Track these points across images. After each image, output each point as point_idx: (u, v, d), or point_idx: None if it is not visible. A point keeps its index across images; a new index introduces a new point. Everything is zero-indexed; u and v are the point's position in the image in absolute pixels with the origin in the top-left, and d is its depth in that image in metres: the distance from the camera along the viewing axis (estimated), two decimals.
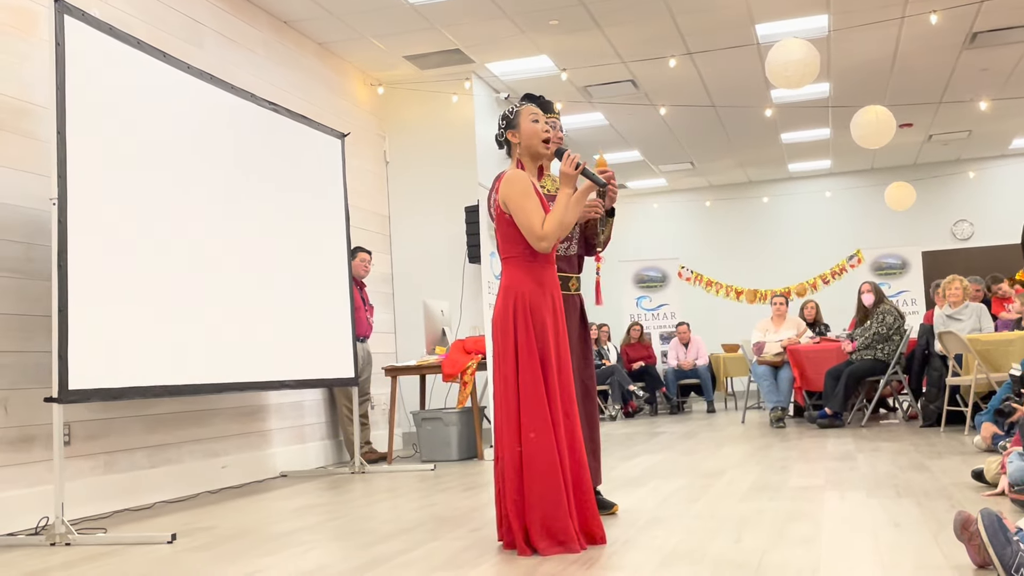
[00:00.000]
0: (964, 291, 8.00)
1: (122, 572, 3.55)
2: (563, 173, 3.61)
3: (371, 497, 5.37)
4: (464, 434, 7.38)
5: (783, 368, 9.22)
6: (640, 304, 13.49)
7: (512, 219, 3.59)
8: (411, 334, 9.02)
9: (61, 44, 4.46)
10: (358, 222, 8.45)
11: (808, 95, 10.65)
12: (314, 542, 3.96)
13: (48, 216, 4.69)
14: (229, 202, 5.67)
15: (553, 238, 3.54)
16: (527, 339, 3.52)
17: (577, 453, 3.54)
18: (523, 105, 3.81)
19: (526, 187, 3.58)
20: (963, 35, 8.94)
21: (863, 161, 14.72)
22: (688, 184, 15.71)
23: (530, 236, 3.55)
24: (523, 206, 3.55)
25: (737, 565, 3.07)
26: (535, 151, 3.75)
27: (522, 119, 3.73)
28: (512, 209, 3.57)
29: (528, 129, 3.73)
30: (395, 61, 8.87)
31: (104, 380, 4.53)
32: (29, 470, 4.85)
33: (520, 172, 3.65)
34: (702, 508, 4.28)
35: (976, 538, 2.83)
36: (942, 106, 11.46)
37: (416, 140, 9.37)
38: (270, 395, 7.02)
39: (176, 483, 5.84)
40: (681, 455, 6.69)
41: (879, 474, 5.14)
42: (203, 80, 5.57)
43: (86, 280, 4.49)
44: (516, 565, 3.24)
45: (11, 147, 4.97)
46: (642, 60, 9.17)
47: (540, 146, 3.73)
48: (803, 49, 7.21)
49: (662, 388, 12.23)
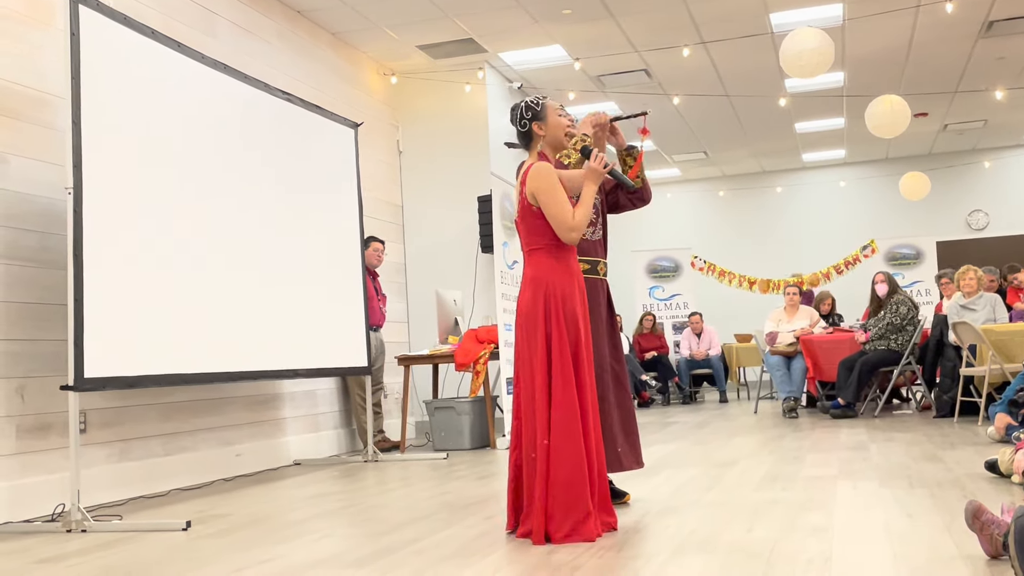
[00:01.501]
0: (978, 281, 7.96)
1: (137, 559, 3.58)
2: (592, 170, 3.64)
3: (384, 485, 5.39)
4: (476, 423, 7.40)
5: (796, 358, 9.21)
6: (653, 294, 13.48)
7: (539, 211, 3.60)
8: (424, 323, 9.04)
9: (76, 34, 4.48)
10: (371, 212, 8.47)
11: (822, 84, 10.60)
12: (327, 530, 3.99)
13: (64, 205, 4.72)
14: (243, 191, 5.69)
15: (582, 229, 3.58)
16: (559, 331, 3.53)
17: (598, 443, 3.58)
18: (545, 99, 3.83)
19: (555, 179, 3.60)
20: (979, 24, 8.88)
21: (878, 151, 14.65)
22: (702, 174, 15.67)
23: (561, 227, 3.57)
24: (555, 198, 3.56)
25: (749, 554, 3.08)
26: (559, 143, 3.80)
27: (549, 112, 3.77)
28: (543, 201, 3.58)
29: (555, 122, 3.78)
30: (408, 51, 8.87)
31: (119, 368, 4.56)
32: (45, 457, 4.89)
33: (547, 164, 3.68)
34: (714, 497, 4.29)
35: (988, 528, 2.83)
36: (957, 95, 11.39)
37: (429, 130, 9.37)
38: (284, 384, 7.06)
39: (191, 471, 5.88)
40: (694, 445, 6.70)
41: (892, 464, 5.14)
42: (217, 70, 5.58)
43: (101, 269, 4.51)
44: (528, 553, 3.25)
45: (27, 136, 5.00)
46: (655, 49, 9.15)
47: (564, 139, 3.79)
48: (817, 38, 7.18)
49: (675, 378, 12.22)
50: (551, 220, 3.58)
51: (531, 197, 3.61)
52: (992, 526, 2.82)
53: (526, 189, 3.62)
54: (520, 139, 3.84)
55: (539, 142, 3.77)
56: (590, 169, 3.66)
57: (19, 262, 4.87)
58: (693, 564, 2.98)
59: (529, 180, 3.62)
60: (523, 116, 3.77)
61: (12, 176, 4.88)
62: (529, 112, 3.76)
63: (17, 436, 4.75)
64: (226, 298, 5.44)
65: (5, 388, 4.71)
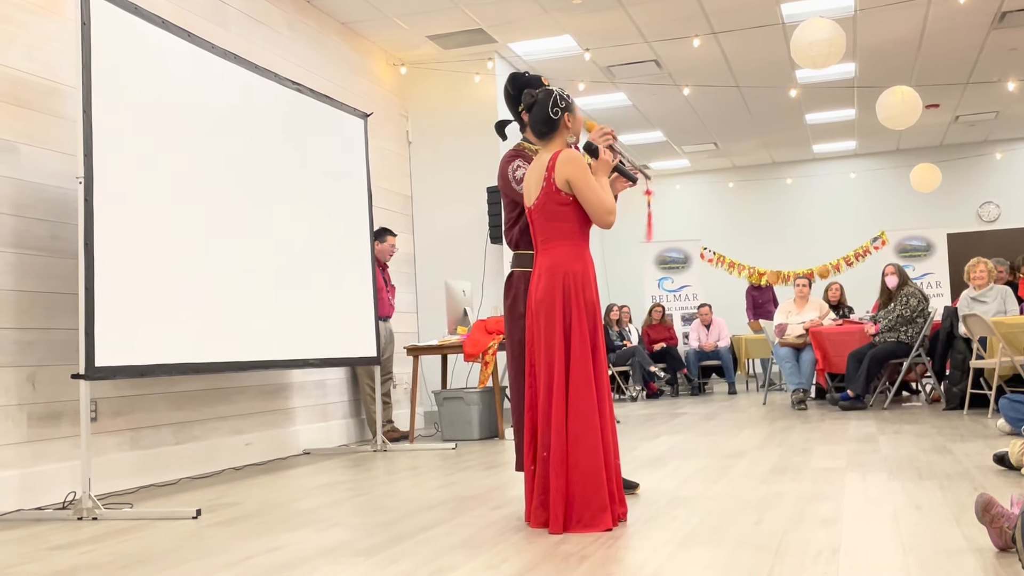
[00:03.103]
0: (989, 273, 7.93)
1: (148, 546, 3.61)
2: (602, 162, 3.71)
3: (393, 475, 5.41)
4: (485, 414, 7.41)
5: (805, 350, 9.20)
6: (662, 285, 13.47)
7: (567, 196, 3.59)
8: (433, 314, 9.05)
9: (87, 23, 4.49)
10: (380, 202, 8.48)
11: (833, 75, 10.55)
12: (336, 519, 4.01)
13: (74, 195, 4.74)
14: (253, 181, 5.70)
15: (616, 212, 3.62)
16: (579, 322, 3.53)
17: (613, 434, 3.60)
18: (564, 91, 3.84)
19: (586, 165, 3.62)
20: (992, 14, 8.83)
21: (888, 142, 14.58)
22: (711, 165, 15.63)
23: (600, 211, 3.58)
24: (591, 184, 3.58)
25: (757, 546, 3.08)
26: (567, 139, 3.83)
27: (576, 108, 3.81)
28: (579, 187, 3.57)
29: (580, 115, 3.84)
30: (418, 41, 8.86)
31: (130, 357, 4.58)
32: (57, 445, 4.92)
33: (573, 150, 3.70)
34: (723, 489, 4.29)
35: (998, 521, 2.83)
36: (969, 86, 11.33)
37: (438, 120, 9.37)
38: (293, 374, 7.08)
39: (201, 459, 5.91)
40: (702, 436, 6.70)
41: (901, 456, 5.13)
42: (227, 60, 5.59)
43: (112, 258, 4.53)
44: (537, 543, 3.26)
45: (38, 126, 5.02)
46: (666, 40, 9.12)
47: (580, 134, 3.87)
48: (829, 28, 7.15)
49: (683, 369, 12.21)
50: (588, 205, 3.58)
51: (562, 183, 3.59)
52: (1002, 519, 2.82)
53: (555, 175, 3.59)
54: (544, 124, 3.75)
55: (565, 134, 3.77)
56: (600, 162, 3.70)
57: (31, 251, 4.89)
58: (701, 555, 2.98)
59: (561, 165, 3.59)
60: (557, 104, 3.73)
61: (24, 165, 4.90)
62: (563, 101, 3.75)
63: (29, 424, 4.78)
64: (236, 288, 5.45)
65: (17, 376, 4.74)
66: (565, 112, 3.74)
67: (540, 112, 3.74)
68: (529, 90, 3.83)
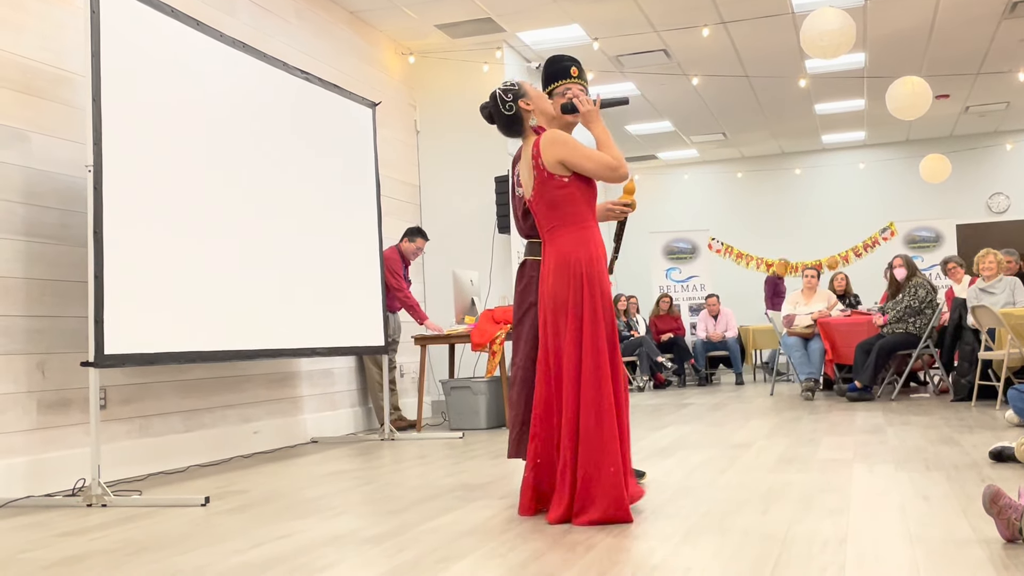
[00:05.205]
0: (998, 264, 7.91)
1: (157, 533, 3.63)
2: (589, 112, 3.61)
3: (400, 464, 5.42)
4: (492, 403, 7.43)
5: (813, 339, 9.19)
6: (670, 275, 13.46)
7: (561, 179, 3.53)
8: (440, 303, 9.06)
9: (96, 11, 4.49)
10: (388, 191, 8.48)
11: (843, 65, 10.51)
12: (344, 507, 4.02)
13: (84, 183, 4.75)
14: (261, 170, 5.71)
15: (623, 162, 3.51)
16: (592, 312, 3.48)
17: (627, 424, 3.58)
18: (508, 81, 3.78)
19: (570, 137, 3.56)
20: (1003, 4, 8.78)
21: (898, 133, 14.53)
22: (720, 155, 15.59)
23: (605, 169, 3.49)
24: (582, 152, 3.50)
25: (764, 536, 3.08)
26: (548, 110, 3.72)
27: (526, 86, 3.72)
28: (572, 159, 3.50)
29: (536, 92, 3.72)
30: (426, 30, 8.84)
31: (139, 345, 4.60)
32: (66, 433, 4.94)
33: (554, 129, 3.62)
34: (730, 479, 4.29)
35: (1005, 512, 2.83)
36: (980, 77, 11.28)
37: (447, 109, 9.36)
38: (301, 362, 7.10)
39: (209, 447, 5.94)
40: (709, 426, 6.70)
41: (908, 448, 5.13)
42: (235, 48, 5.59)
43: (121, 246, 4.54)
44: (543, 532, 3.27)
45: (47, 114, 5.03)
46: (675, 29, 9.09)
47: (552, 102, 3.74)
48: (839, 18, 7.12)
49: (691, 360, 12.22)
50: (591, 171, 3.51)
51: (552, 165, 3.52)
52: (1010, 510, 2.82)
53: (543, 159, 3.53)
54: (510, 125, 3.70)
55: (530, 118, 3.68)
56: (587, 112, 3.61)
57: (40, 239, 4.90)
58: (707, 545, 2.99)
59: (545, 148, 3.53)
60: (504, 99, 3.67)
61: (33, 154, 4.91)
62: (509, 94, 3.68)
63: (38, 412, 4.80)
64: (245, 276, 5.46)
65: (26, 364, 4.76)
66: (517, 100, 3.67)
67: (498, 117, 3.71)
68: (482, 104, 3.78)
